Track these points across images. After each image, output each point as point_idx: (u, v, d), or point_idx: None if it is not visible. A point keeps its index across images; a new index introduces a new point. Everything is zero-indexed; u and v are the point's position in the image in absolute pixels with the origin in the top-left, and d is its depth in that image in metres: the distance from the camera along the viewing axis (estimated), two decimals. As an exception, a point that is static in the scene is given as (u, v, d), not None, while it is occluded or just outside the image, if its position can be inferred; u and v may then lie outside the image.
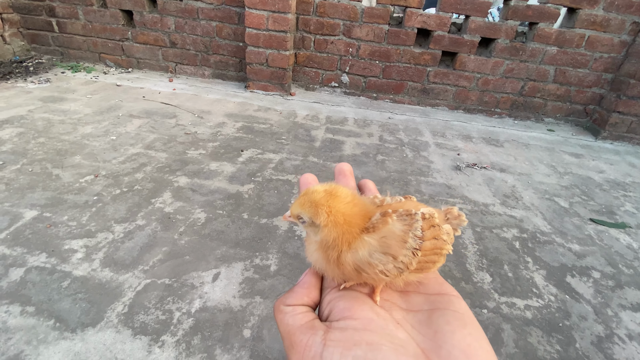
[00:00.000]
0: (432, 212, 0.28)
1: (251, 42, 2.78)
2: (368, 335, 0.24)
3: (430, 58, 2.92)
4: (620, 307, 1.25)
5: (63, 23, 3.12)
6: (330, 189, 0.29)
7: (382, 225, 0.27)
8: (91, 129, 2.08)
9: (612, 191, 2.10)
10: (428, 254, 0.27)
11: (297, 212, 0.29)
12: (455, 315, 0.25)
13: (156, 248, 1.24)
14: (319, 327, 0.25)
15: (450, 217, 0.32)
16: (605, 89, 2.88)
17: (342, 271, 0.28)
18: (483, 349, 0.23)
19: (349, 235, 0.27)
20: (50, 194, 1.46)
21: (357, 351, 0.22)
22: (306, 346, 0.24)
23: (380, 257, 0.26)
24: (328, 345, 0.23)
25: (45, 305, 0.99)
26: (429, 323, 0.25)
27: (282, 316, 0.27)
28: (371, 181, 0.39)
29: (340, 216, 0.27)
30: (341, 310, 0.27)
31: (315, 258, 0.29)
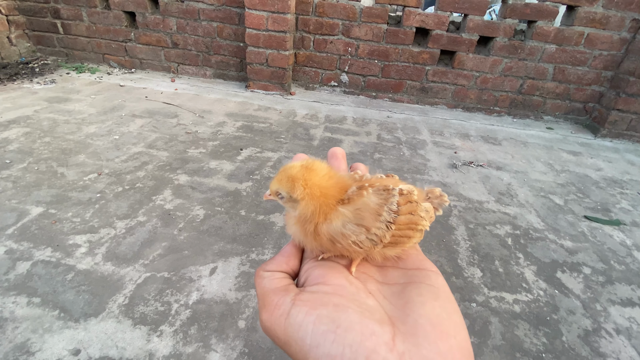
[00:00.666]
0: (411, 188, 0.29)
1: (251, 43, 2.82)
2: (336, 299, 0.24)
3: (429, 57, 2.94)
4: (609, 302, 1.27)
5: (67, 24, 3.19)
6: (307, 164, 0.29)
7: (357, 197, 0.28)
8: (95, 128, 2.14)
9: (609, 189, 2.11)
10: (403, 229, 0.27)
11: (275, 188, 0.30)
12: (430, 288, 0.25)
13: (156, 243, 1.29)
14: (292, 290, 0.26)
15: (431, 196, 0.32)
16: (605, 86, 2.88)
17: (319, 242, 0.28)
18: (451, 320, 0.23)
19: (326, 207, 0.28)
20: (55, 192, 1.52)
21: (322, 310, 0.23)
22: (276, 305, 0.25)
23: (354, 228, 0.27)
24: (296, 304, 0.24)
25: (51, 297, 1.04)
26: (402, 295, 0.25)
27: (260, 280, 0.28)
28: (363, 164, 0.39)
29: (317, 189, 0.28)
30: (316, 276, 0.27)
31: (293, 231, 0.30)
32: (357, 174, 0.33)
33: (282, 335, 0.24)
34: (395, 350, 0.21)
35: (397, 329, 0.22)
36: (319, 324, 0.22)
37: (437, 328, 0.22)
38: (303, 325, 0.23)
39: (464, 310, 1.16)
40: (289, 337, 0.23)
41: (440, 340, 0.22)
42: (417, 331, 0.22)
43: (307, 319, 0.23)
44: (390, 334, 0.22)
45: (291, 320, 0.23)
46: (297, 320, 0.23)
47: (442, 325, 0.22)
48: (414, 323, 0.22)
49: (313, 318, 0.23)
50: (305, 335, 0.22)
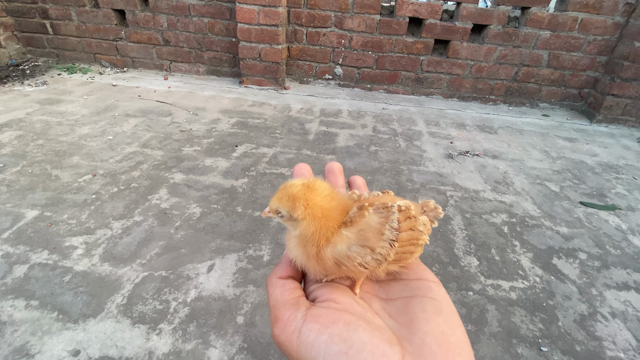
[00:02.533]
0: (408, 204, 0.29)
1: (243, 37, 2.79)
2: (347, 316, 0.24)
3: (423, 47, 2.92)
4: (605, 287, 1.29)
5: (57, 25, 3.15)
6: (308, 183, 0.29)
7: (359, 218, 0.28)
8: (88, 129, 2.12)
9: (605, 174, 2.12)
10: (405, 245, 0.28)
11: (275, 206, 0.29)
12: (432, 302, 0.26)
13: (153, 242, 1.29)
14: (303, 304, 0.26)
15: (426, 209, 0.32)
16: (600, 72, 2.87)
17: (322, 266, 0.28)
18: (456, 337, 0.24)
19: (327, 230, 0.28)
20: (50, 194, 1.51)
21: (334, 329, 0.23)
22: (287, 321, 0.25)
23: (359, 250, 0.27)
24: (308, 320, 0.24)
25: (49, 299, 1.04)
26: (406, 311, 0.26)
27: (273, 290, 0.28)
28: (360, 177, 0.40)
29: (318, 209, 0.28)
30: (324, 294, 0.28)
31: (295, 254, 0.29)
32: (355, 194, 0.33)
33: (295, 353, 0.24)
34: None
35: (405, 350, 0.23)
36: (331, 343, 0.23)
37: (443, 346, 0.23)
38: (315, 345, 0.23)
39: (460, 299, 1.17)
40: (301, 356, 0.23)
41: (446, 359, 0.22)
42: (424, 351, 0.22)
43: (319, 338, 0.23)
44: (400, 355, 0.22)
45: (303, 339, 0.24)
46: (310, 339, 0.23)
47: (447, 343, 0.23)
48: (421, 342, 0.23)
49: (325, 337, 0.23)
50: (318, 355, 0.22)
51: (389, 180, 1.84)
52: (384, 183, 1.81)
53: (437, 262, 1.32)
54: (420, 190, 1.76)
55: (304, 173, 0.37)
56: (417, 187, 1.79)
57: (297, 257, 0.29)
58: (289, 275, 0.29)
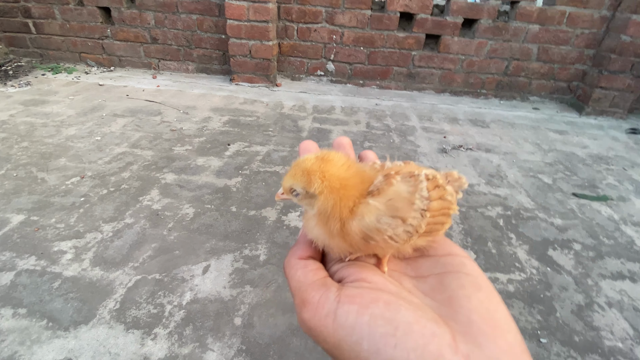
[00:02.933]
0: (434, 173, 0.27)
1: (233, 34, 2.75)
2: (385, 295, 0.22)
3: (415, 42, 2.92)
4: (600, 277, 1.30)
5: (40, 24, 3.05)
6: (322, 155, 0.27)
7: (386, 187, 0.25)
8: (75, 130, 2.06)
9: (595, 165, 2.14)
10: (436, 215, 0.26)
11: (289, 184, 0.27)
12: (469, 278, 0.24)
13: (145, 245, 1.26)
14: (332, 284, 0.24)
15: (450, 179, 0.30)
16: (588, 64, 2.90)
17: (348, 242, 0.26)
18: (501, 312, 0.22)
19: (348, 200, 0.26)
20: (36, 198, 1.46)
21: (375, 309, 0.21)
22: (319, 303, 0.23)
23: (389, 221, 0.25)
24: (343, 302, 0.22)
25: (37, 307, 1.01)
26: (441, 288, 0.24)
27: (294, 272, 0.26)
28: (372, 152, 0.38)
29: (336, 180, 0.26)
30: (352, 274, 0.25)
31: (316, 234, 0.27)
32: (377, 163, 0.30)
33: (331, 338, 0.22)
34: (460, 352, 0.19)
35: (453, 329, 0.21)
36: (375, 325, 0.21)
37: (490, 323, 0.21)
38: (357, 328, 0.21)
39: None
40: (340, 340, 0.21)
41: (499, 337, 0.21)
42: (472, 329, 0.21)
43: (360, 320, 0.21)
44: (450, 334, 0.20)
45: (340, 322, 0.21)
46: (348, 321, 0.21)
47: (494, 320, 0.21)
48: (467, 320, 0.21)
49: (367, 319, 0.21)
50: (361, 339, 0.20)
51: (384, 176, 1.83)
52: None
53: (435, 257, 1.31)
54: (415, 186, 1.76)
55: (310, 150, 0.34)
56: (413, 183, 1.78)
57: (319, 236, 0.27)
58: (309, 256, 0.27)
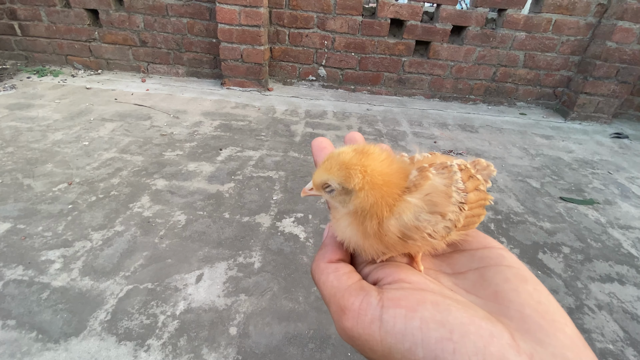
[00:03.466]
0: (465, 162, 0.26)
1: (224, 38, 2.74)
2: (430, 296, 0.21)
3: (405, 48, 2.96)
4: (589, 279, 1.33)
5: (25, 26, 2.98)
6: (361, 148, 0.25)
7: (423, 181, 0.24)
8: (62, 135, 2.01)
9: (581, 170, 2.20)
10: (474, 207, 0.25)
11: (324, 178, 0.25)
12: (512, 270, 0.23)
13: (137, 253, 1.23)
14: (371, 288, 0.23)
15: (479, 167, 0.29)
16: (573, 71, 2.99)
17: (385, 243, 0.24)
18: (553, 304, 0.21)
19: (390, 198, 0.24)
20: (22, 205, 1.42)
21: (424, 312, 0.20)
22: (360, 309, 0.21)
23: (429, 218, 0.23)
24: (387, 306, 0.21)
25: (26, 318, 0.97)
26: (484, 284, 0.23)
27: (325, 277, 0.24)
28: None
29: (378, 176, 0.24)
30: (388, 275, 0.24)
31: (349, 235, 0.25)
32: (406, 156, 0.29)
33: (379, 346, 0.20)
34: (523, 352, 0.18)
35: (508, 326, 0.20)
36: (427, 329, 0.19)
37: (546, 317, 0.20)
38: (407, 334, 0.19)
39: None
40: (391, 348, 0.20)
41: (558, 331, 0.19)
42: (529, 325, 0.20)
43: (410, 325, 0.20)
44: (508, 333, 0.19)
45: (388, 328, 0.20)
46: (397, 327, 0.20)
47: (548, 313, 0.20)
48: (520, 316, 0.20)
49: (417, 323, 0.19)
50: (415, 345, 0.19)
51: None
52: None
53: (429, 261, 1.32)
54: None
55: (325, 148, 0.32)
56: (405, 187, 1.80)
57: (352, 237, 0.25)
58: (339, 259, 0.26)
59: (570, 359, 0.18)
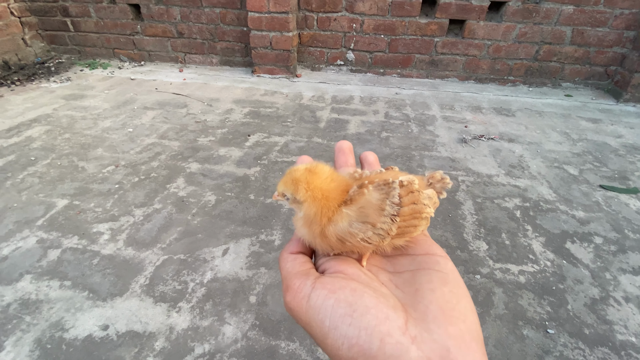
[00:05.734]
0: (411, 179, 0.29)
1: (254, 26, 2.81)
2: (353, 284, 0.25)
3: (438, 28, 2.84)
4: (620, 271, 1.26)
5: (77, 22, 3.26)
6: (310, 167, 0.31)
7: (359, 197, 0.29)
8: (110, 122, 2.23)
9: (629, 156, 2.03)
10: (407, 219, 0.28)
11: (281, 189, 0.31)
12: (438, 274, 0.26)
13: (172, 228, 1.37)
14: (313, 274, 0.28)
15: (433, 181, 0.33)
16: (628, 47, 2.70)
17: (327, 243, 0.29)
18: (460, 305, 0.24)
19: (327, 210, 0.29)
20: (77, 184, 1.62)
21: (341, 294, 0.24)
22: (298, 288, 0.26)
23: (360, 226, 0.28)
24: (316, 288, 0.26)
25: (80, 280, 1.14)
26: (412, 282, 0.26)
27: (284, 263, 0.30)
28: (372, 153, 0.40)
29: (318, 191, 0.29)
30: (332, 266, 0.29)
31: (302, 233, 0.31)
32: (357, 172, 0.34)
33: (304, 316, 0.25)
34: (408, 334, 0.22)
35: (409, 315, 0.24)
36: (337, 307, 0.24)
37: (446, 313, 0.23)
38: (322, 308, 0.24)
39: (467, 282, 1.18)
40: (310, 318, 0.25)
41: (450, 324, 0.23)
42: (427, 317, 0.23)
43: (326, 302, 0.24)
44: (403, 319, 0.23)
45: (311, 303, 0.25)
46: (317, 303, 0.25)
47: (451, 310, 0.23)
48: (425, 309, 0.24)
49: (332, 302, 0.24)
50: (325, 317, 0.24)
51: (400, 166, 1.84)
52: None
53: (445, 246, 1.33)
54: (431, 176, 1.76)
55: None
56: (428, 173, 1.78)
57: (304, 235, 0.31)
58: (299, 251, 0.31)
59: (450, 346, 0.21)
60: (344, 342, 0.23)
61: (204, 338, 0.98)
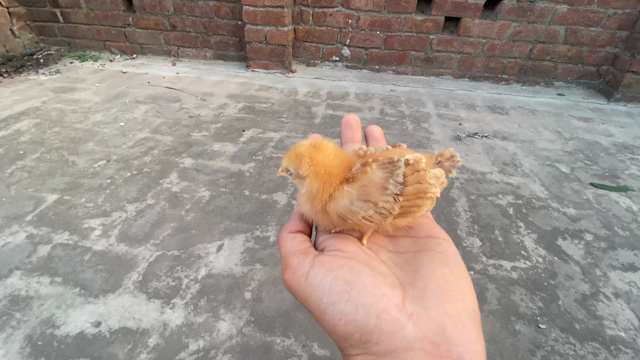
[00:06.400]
0: (418, 157, 0.28)
1: (249, 20, 2.77)
2: (352, 263, 0.26)
3: (433, 25, 2.84)
4: (610, 267, 1.29)
5: (67, 13, 3.18)
6: (315, 143, 0.30)
7: (361, 175, 0.28)
8: (101, 116, 2.18)
9: (619, 154, 2.06)
10: (411, 199, 0.27)
11: (285, 164, 0.31)
12: (440, 255, 0.26)
13: (165, 224, 1.36)
14: (312, 252, 0.28)
15: (442, 159, 0.32)
16: (620, 47, 2.73)
17: (329, 220, 0.29)
18: (459, 284, 0.24)
19: (329, 186, 0.29)
20: (68, 179, 1.59)
21: (339, 272, 0.25)
22: (297, 266, 0.27)
23: (361, 205, 0.27)
24: (315, 266, 0.26)
25: (71, 276, 1.12)
26: (412, 262, 0.26)
27: (284, 242, 0.30)
28: (378, 127, 0.39)
29: (321, 167, 0.29)
30: (332, 244, 0.29)
31: (305, 209, 0.31)
32: (362, 149, 0.33)
33: (302, 293, 0.25)
34: (405, 311, 0.22)
35: (407, 293, 0.24)
36: (335, 284, 0.24)
37: (444, 292, 0.23)
38: (321, 286, 0.24)
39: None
40: (308, 295, 0.25)
41: (447, 303, 0.23)
42: (425, 295, 0.23)
43: (324, 280, 0.25)
44: (401, 297, 0.23)
45: (310, 281, 0.25)
46: (316, 280, 0.25)
47: (450, 289, 0.24)
48: (423, 287, 0.24)
49: (330, 279, 0.24)
50: (323, 294, 0.24)
51: (395, 162, 1.84)
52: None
53: (440, 242, 1.34)
54: (425, 173, 1.77)
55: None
56: (423, 170, 1.79)
57: (307, 211, 0.31)
58: (298, 230, 0.31)
59: (446, 324, 0.22)
60: (341, 317, 0.23)
61: (198, 334, 0.97)
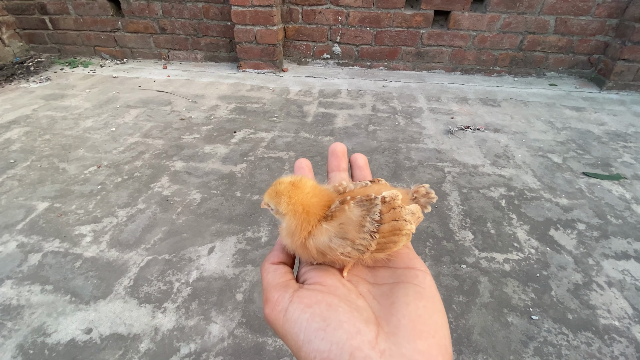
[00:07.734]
0: (394, 194, 0.29)
1: (238, 20, 2.76)
2: (330, 298, 0.26)
3: (423, 19, 2.83)
4: (602, 256, 1.29)
5: (55, 19, 3.16)
6: (294, 181, 0.32)
7: (339, 212, 0.29)
8: (92, 122, 2.17)
9: (611, 143, 2.06)
10: (387, 235, 0.29)
11: (266, 200, 0.33)
12: (415, 288, 0.27)
13: (156, 228, 1.35)
14: (292, 286, 0.28)
15: (417, 195, 0.33)
16: (610, 35, 2.73)
17: (308, 254, 0.30)
18: (432, 320, 0.25)
19: (307, 224, 0.30)
20: (58, 186, 1.58)
21: (316, 309, 0.25)
22: (277, 301, 0.27)
23: (339, 242, 0.28)
24: (294, 301, 0.27)
25: (62, 283, 1.12)
26: (389, 295, 0.27)
27: (265, 274, 0.31)
28: (362, 156, 0.41)
29: (299, 206, 0.30)
30: (313, 277, 0.30)
31: (285, 242, 0.32)
32: (342, 185, 0.34)
33: (281, 329, 0.26)
34: (377, 348, 0.23)
35: (381, 329, 0.24)
36: (312, 321, 0.24)
37: (417, 327, 0.24)
38: (298, 322, 0.25)
39: (453, 272, 1.19)
40: (286, 331, 0.26)
41: (419, 339, 0.23)
42: (398, 330, 0.24)
43: (302, 316, 0.25)
44: (374, 333, 0.23)
45: (288, 317, 0.26)
46: (294, 316, 0.25)
47: (422, 324, 0.24)
48: (397, 323, 0.24)
49: (307, 316, 0.25)
50: (300, 331, 0.25)
51: (387, 159, 1.84)
52: (382, 162, 1.81)
53: (432, 237, 1.34)
54: (417, 168, 1.76)
55: (303, 167, 0.39)
56: (415, 165, 1.79)
57: (287, 244, 0.32)
58: (281, 261, 0.32)
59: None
60: (316, 355, 0.23)
61: (190, 338, 0.97)
